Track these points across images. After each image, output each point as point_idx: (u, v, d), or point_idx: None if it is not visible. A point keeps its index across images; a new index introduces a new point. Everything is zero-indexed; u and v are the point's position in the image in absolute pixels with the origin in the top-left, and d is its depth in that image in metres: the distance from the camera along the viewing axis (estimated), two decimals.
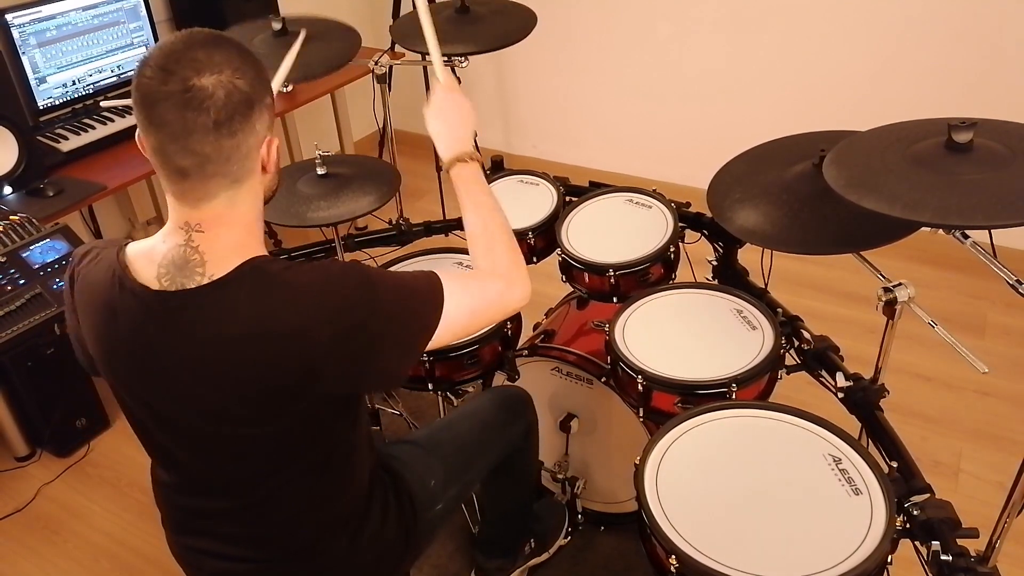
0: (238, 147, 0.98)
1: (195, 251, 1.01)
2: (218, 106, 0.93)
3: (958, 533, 1.19)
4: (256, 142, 1.00)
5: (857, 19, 2.82)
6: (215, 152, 0.96)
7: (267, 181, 1.08)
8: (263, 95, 1.00)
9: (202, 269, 1.00)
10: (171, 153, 0.96)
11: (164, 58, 0.94)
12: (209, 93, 0.93)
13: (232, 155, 0.98)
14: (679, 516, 1.19)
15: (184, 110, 0.93)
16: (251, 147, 1.00)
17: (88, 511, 2.24)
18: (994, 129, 1.21)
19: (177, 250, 1.01)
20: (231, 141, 0.97)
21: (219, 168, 0.98)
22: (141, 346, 1.04)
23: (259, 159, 1.02)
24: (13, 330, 1.67)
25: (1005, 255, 1.21)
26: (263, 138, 1.02)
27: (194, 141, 0.94)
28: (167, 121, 0.93)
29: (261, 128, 1.00)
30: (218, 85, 0.93)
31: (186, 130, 0.94)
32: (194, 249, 1.01)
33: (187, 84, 0.92)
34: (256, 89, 0.98)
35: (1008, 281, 1.19)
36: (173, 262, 1.01)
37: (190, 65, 0.93)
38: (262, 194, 1.08)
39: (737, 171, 1.58)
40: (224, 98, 0.94)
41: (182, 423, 1.09)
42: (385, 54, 2.19)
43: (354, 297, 1.03)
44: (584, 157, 3.63)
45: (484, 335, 1.68)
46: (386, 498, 1.28)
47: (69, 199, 2.23)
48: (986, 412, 2.30)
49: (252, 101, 0.97)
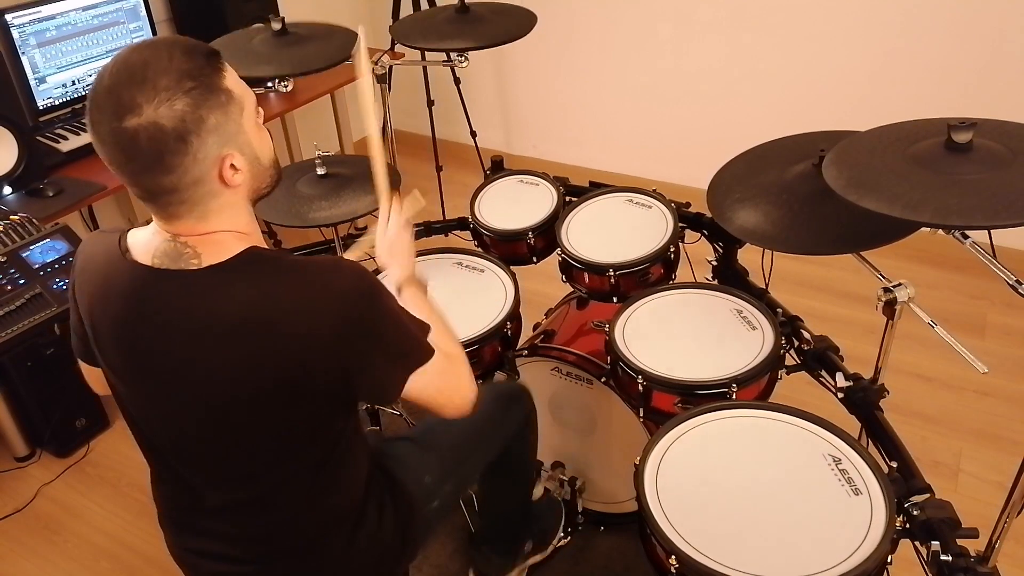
0: (181, 178, 0.95)
1: (186, 246, 1.01)
2: (143, 149, 0.92)
3: (958, 533, 1.19)
4: (205, 168, 0.96)
5: (857, 19, 2.82)
6: (158, 187, 0.96)
7: (243, 191, 1.04)
8: (200, 121, 0.93)
9: (197, 260, 1.01)
10: (126, 183, 0.97)
11: (98, 94, 0.93)
12: (130, 136, 0.91)
13: (178, 185, 0.96)
14: (679, 516, 1.19)
15: (116, 152, 0.93)
16: (200, 174, 0.96)
17: (88, 511, 2.24)
18: (994, 129, 1.21)
19: (168, 244, 1.02)
20: (170, 177, 0.95)
21: (172, 198, 0.98)
22: (135, 329, 1.03)
23: (216, 180, 0.99)
24: (13, 330, 1.67)
25: (1005, 255, 1.21)
26: (215, 159, 0.97)
27: (138, 179, 0.96)
28: (110, 160, 0.95)
29: (207, 154, 0.96)
30: (139, 128, 0.91)
31: (125, 171, 0.95)
32: (184, 244, 1.02)
33: (112, 128, 0.91)
34: (189, 119, 0.92)
35: (1008, 281, 1.19)
36: (166, 253, 1.02)
37: (112, 109, 0.91)
38: (243, 204, 1.05)
39: (737, 171, 1.58)
40: (146, 143, 0.91)
41: (178, 418, 1.08)
42: (385, 54, 2.19)
43: (356, 289, 1.03)
44: (584, 157, 3.63)
45: (484, 335, 1.68)
46: (382, 497, 1.28)
47: (69, 199, 2.23)
48: (986, 412, 2.30)
49: (184, 135, 0.92)
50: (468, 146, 3.36)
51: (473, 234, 2.06)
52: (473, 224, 2.02)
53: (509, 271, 1.86)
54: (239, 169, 1.00)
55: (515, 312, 1.76)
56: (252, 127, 1.02)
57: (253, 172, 1.03)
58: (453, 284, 1.86)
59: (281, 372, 1.01)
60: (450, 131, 3.51)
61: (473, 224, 2.02)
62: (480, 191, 2.12)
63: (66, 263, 1.83)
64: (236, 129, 0.99)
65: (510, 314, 1.73)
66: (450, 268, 1.92)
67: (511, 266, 1.88)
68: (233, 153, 0.99)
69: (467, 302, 1.79)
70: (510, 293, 1.79)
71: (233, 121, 0.98)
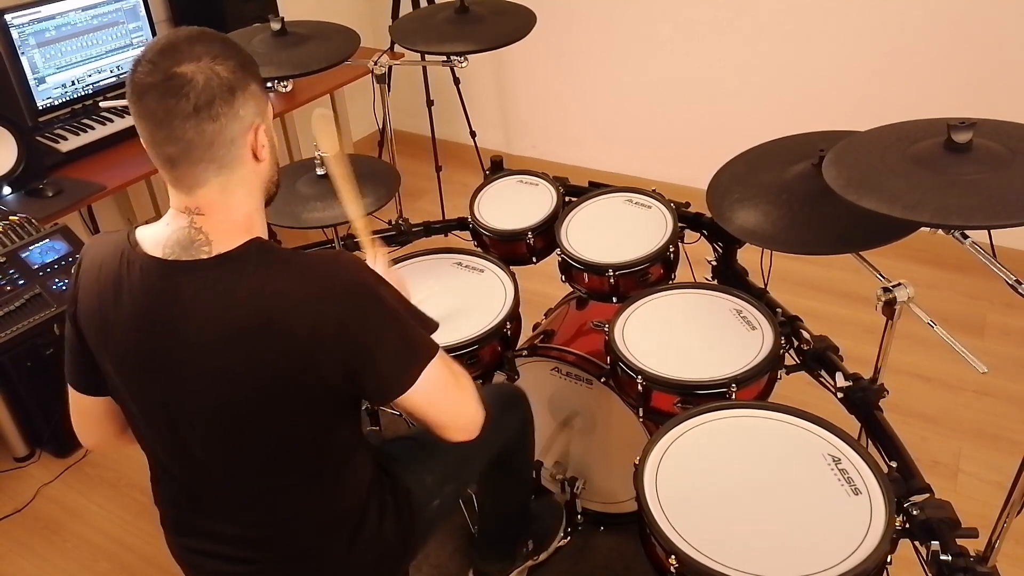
0: (221, 131, 0.99)
1: (199, 231, 1.03)
2: (197, 91, 0.96)
3: (957, 533, 1.19)
4: (241, 128, 1.02)
5: (857, 19, 2.83)
6: (197, 137, 0.98)
7: (262, 173, 1.08)
8: (246, 83, 1.01)
9: (208, 248, 1.02)
10: (158, 142, 0.99)
11: (152, 53, 0.98)
12: (188, 79, 0.96)
13: (215, 140, 0.99)
14: (679, 516, 1.19)
15: (166, 97, 0.96)
16: (235, 133, 1.01)
17: (87, 511, 2.24)
18: (994, 129, 1.21)
19: (181, 231, 1.03)
20: (213, 125, 0.98)
21: (204, 154, 1.00)
22: (143, 323, 1.04)
23: (247, 146, 1.03)
24: (13, 330, 1.67)
25: (1005, 255, 1.21)
26: (250, 124, 1.03)
27: (176, 127, 0.97)
28: (152, 110, 0.97)
29: (246, 115, 1.01)
30: (197, 71, 0.96)
31: (168, 116, 0.97)
32: (198, 230, 1.03)
33: (168, 73, 0.96)
34: (238, 76, 1.00)
35: (1008, 281, 1.19)
36: (178, 242, 1.03)
37: (172, 56, 0.97)
38: (259, 186, 1.09)
39: (737, 171, 1.58)
40: (203, 83, 0.97)
41: (182, 416, 1.08)
42: (384, 54, 2.19)
43: (357, 282, 1.04)
44: (584, 157, 3.63)
45: (484, 335, 1.68)
46: (383, 497, 1.28)
47: (68, 199, 2.23)
48: (985, 412, 2.30)
49: (233, 87, 0.99)
50: (468, 146, 3.36)
51: (473, 234, 2.06)
52: (473, 224, 2.02)
53: (509, 271, 1.86)
54: (264, 145, 1.05)
55: (515, 312, 1.76)
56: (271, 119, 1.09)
57: (272, 156, 1.09)
58: (453, 284, 1.86)
59: (286, 369, 1.01)
60: (450, 131, 3.51)
61: (473, 224, 2.02)
62: (480, 191, 2.12)
63: (66, 263, 1.83)
64: (265, 106, 1.06)
65: (510, 314, 1.73)
66: (450, 268, 1.92)
67: (511, 266, 1.88)
68: (263, 125, 1.05)
69: (467, 302, 1.79)
70: (510, 293, 1.79)
71: (264, 101, 1.06)
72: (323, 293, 1.01)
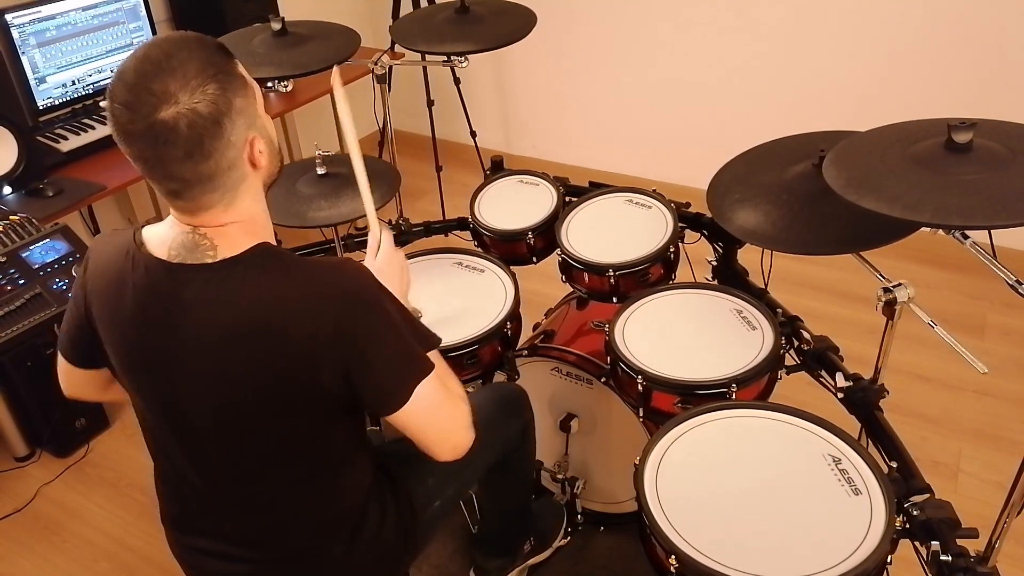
0: (217, 163, 0.98)
1: (204, 237, 1.03)
2: (183, 138, 0.94)
3: (958, 533, 1.19)
4: (237, 151, 1.00)
5: (857, 20, 2.82)
6: (195, 177, 0.98)
7: (263, 173, 1.08)
8: (229, 104, 0.97)
9: (213, 253, 1.02)
10: (157, 179, 0.99)
11: (126, 92, 0.94)
12: (170, 127, 0.93)
13: (214, 173, 0.99)
14: (679, 516, 1.19)
15: (155, 146, 0.94)
16: (233, 158, 1.00)
17: (87, 511, 2.24)
18: (994, 129, 1.21)
19: (186, 236, 1.03)
20: (208, 163, 0.97)
21: (206, 186, 1.00)
22: (144, 321, 1.04)
23: (246, 162, 1.03)
24: (13, 330, 1.67)
25: (1005, 255, 1.21)
26: (244, 142, 1.01)
27: (172, 169, 0.97)
28: (144, 156, 0.96)
29: (238, 138, 1.00)
30: (178, 118, 0.93)
31: (161, 162, 0.96)
32: (203, 236, 1.03)
33: (149, 121, 0.93)
34: (220, 101, 0.96)
35: (1008, 281, 1.19)
36: (183, 245, 1.03)
37: (148, 101, 0.92)
38: (262, 187, 1.09)
39: (737, 171, 1.58)
40: (187, 129, 0.94)
41: (185, 415, 1.09)
42: (385, 54, 2.19)
43: (357, 290, 1.04)
44: (584, 157, 3.63)
45: (484, 335, 1.68)
46: (384, 498, 1.28)
47: (69, 199, 2.23)
48: (986, 412, 2.30)
49: (218, 119, 0.96)
50: (468, 146, 3.36)
51: (473, 234, 2.06)
52: (473, 224, 2.02)
53: (509, 271, 1.85)
54: (262, 152, 1.04)
55: (515, 312, 1.76)
56: (263, 112, 1.07)
57: (271, 154, 1.08)
58: (453, 284, 1.86)
59: (286, 370, 1.02)
60: (450, 131, 3.51)
61: (473, 224, 2.02)
62: (480, 191, 2.12)
63: (66, 263, 1.83)
64: (255, 112, 1.03)
65: (510, 314, 1.73)
66: (450, 268, 1.92)
67: (511, 266, 1.88)
68: (256, 136, 1.02)
69: (467, 302, 1.79)
70: (510, 293, 1.79)
71: (252, 105, 1.02)
72: (324, 298, 1.01)
